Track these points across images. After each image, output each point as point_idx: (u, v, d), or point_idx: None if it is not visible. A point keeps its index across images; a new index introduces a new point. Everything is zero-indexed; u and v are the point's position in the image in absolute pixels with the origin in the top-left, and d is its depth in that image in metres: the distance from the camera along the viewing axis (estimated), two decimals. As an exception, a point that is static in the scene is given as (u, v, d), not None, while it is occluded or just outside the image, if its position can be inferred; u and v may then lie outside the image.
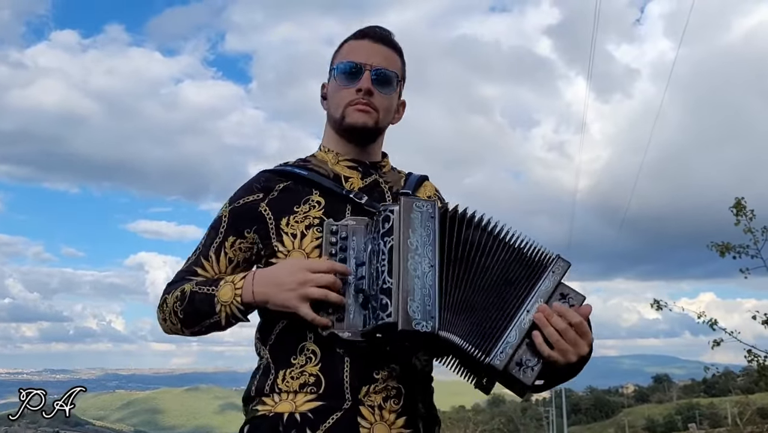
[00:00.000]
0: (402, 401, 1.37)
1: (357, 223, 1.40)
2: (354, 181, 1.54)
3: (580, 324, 1.32)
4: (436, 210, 1.35)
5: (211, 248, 1.51)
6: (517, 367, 1.30)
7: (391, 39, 1.60)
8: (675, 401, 79.63)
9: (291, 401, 1.34)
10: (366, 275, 1.32)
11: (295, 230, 1.44)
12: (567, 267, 1.41)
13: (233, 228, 1.50)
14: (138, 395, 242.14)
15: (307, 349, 1.37)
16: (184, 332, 1.50)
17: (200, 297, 1.42)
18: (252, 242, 1.49)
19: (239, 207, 1.51)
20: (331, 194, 1.48)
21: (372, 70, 1.52)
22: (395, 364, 1.38)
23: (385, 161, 1.64)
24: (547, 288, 1.37)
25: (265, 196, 1.50)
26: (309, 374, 1.35)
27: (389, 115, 1.59)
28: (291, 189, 1.50)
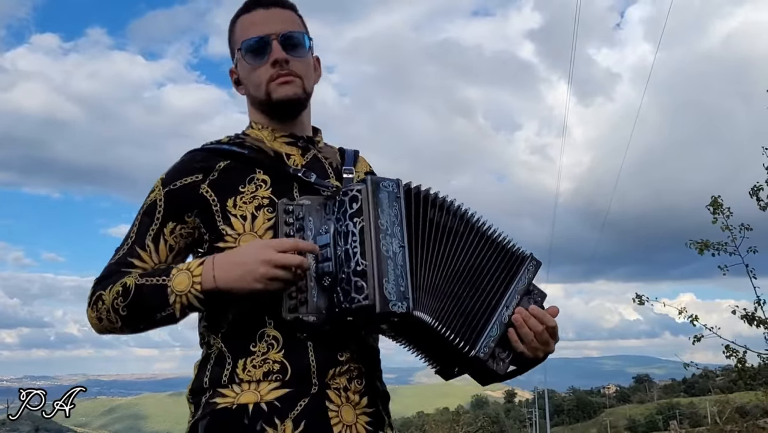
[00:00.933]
0: (364, 381, 1.37)
1: (312, 202, 1.34)
2: (296, 158, 1.47)
3: (554, 328, 1.41)
4: (401, 189, 1.32)
5: (147, 236, 1.39)
6: (491, 360, 1.37)
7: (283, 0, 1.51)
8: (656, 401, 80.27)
9: (255, 391, 1.28)
10: (332, 257, 1.27)
11: (244, 211, 1.35)
12: (539, 266, 1.49)
13: (172, 213, 1.39)
14: (120, 401, 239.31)
15: (268, 335, 1.31)
16: (124, 330, 1.36)
17: (149, 289, 1.30)
18: (193, 226, 1.39)
19: (176, 190, 1.39)
20: (276, 173, 1.40)
21: (278, 38, 1.44)
22: (355, 344, 1.36)
23: (319, 136, 1.58)
24: (523, 285, 1.45)
25: (205, 177, 1.39)
26: (273, 361, 1.30)
27: (311, 77, 1.51)
28: (233, 168, 1.40)
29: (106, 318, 1.34)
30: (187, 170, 1.41)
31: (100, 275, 1.39)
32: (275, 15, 1.47)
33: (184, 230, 1.39)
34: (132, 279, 1.32)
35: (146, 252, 1.38)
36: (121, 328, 1.35)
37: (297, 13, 1.53)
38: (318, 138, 1.56)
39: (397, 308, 1.22)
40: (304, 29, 1.52)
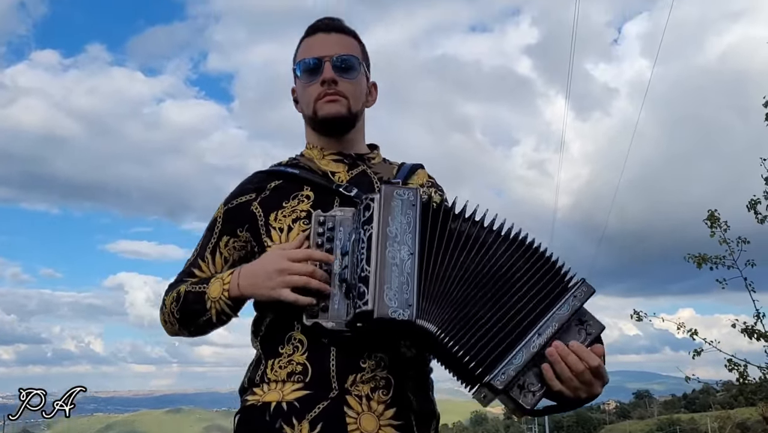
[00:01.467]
0: (391, 392, 1.35)
1: (344, 213, 1.38)
2: (341, 174, 1.55)
3: (597, 368, 1.25)
4: (418, 198, 1.32)
5: (207, 249, 1.55)
6: (518, 390, 1.24)
7: (342, 25, 1.61)
8: (656, 417, 79.82)
9: (279, 390, 1.35)
10: (349, 264, 1.31)
11: (282, 224, 1.46)
12: (590, 293, 1.30)
13: (227, 228, 1.54)
14: (117, 418, 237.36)
15: (294, 338, 1.38)
16: (183, 331, 1.52)
17: (193, 296, 1.45)
18: (245, 240, 1.52)
19: (233, 207, 1.54)
20: (320, 188, 1.49)
21: (331, 60, 1.54)
22: (383, 353, 1.36)
23: (375, 153, 1.65)
24: (566, 313, 1.27)
25: (257, 196, 1.53)
26: (296, 363, 1.36)
27: (359, 99, 1.59)
28: (282, 187, 1.52)
29: (168, 321, 1.53)
30: (244, 190, 1.56)
31: (170, 284, 1.57)
32: (333, 39, 1.58)
33: (237, 243, 1.53)
34: (184, 286, 1.49)
35: (205, 263, 1.55)
36: (179, 330, 1.52)
37: (358, 39, 1.63)
38: (372, 155, 1.64)
39: (398, 315, 1.21)
40: (361, 54, 1.61)
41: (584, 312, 1.30)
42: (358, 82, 1.58)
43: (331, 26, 1.60)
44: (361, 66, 1.60)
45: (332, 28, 1.59)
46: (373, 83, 1.67)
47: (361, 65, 1.59)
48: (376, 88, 1.68)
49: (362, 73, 1.60)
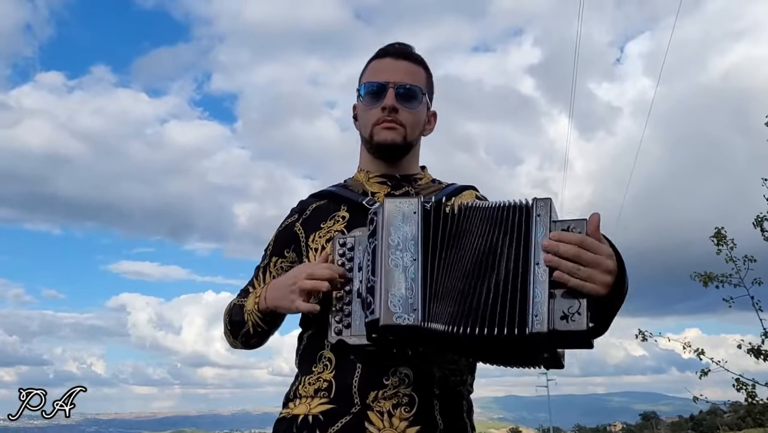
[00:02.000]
0: (415, 410, 1.35)
1: (363, 232, 1.40)
2: (380, 195, 1.57)
3: (585, 241, 1.18)
4: (420, 206, 1.32)
5: (260, 269, 1.65)
6: (564, 321, 1.15)
7: (412, 53, 1.64)
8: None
9: (307, 404, 1.41)
10: (363, 279, 1.33)
11: (318, 244, 1.53)
12: (549, 202, 1.25)
13: (276, 249, 1.63)
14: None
15: (324, 357, 1.44)
16: (236, 343, 1.64)
17: (236, 309, 1.59)
18: (291, 260, 1.60)
19: (281, 230, 1.65)
20: (355, 208, 1.54)
21: (395, 87, 1.56)
22: (408, 370, 1.37)
23: (423, 174, 1.68)
24: (543, 233, 1.22)
25: (299, 217, 1.62)
26: (324, 379, 1.42)
27: (417, 129, 1.62)
28: (322, 208, 1.60)
29: (225, 333, 1.65)
30: (291, 213, 1.66)
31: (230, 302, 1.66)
32: (400, 66, 1.60)
33: (284, 263, 1.61)
34: (235, 300, 1.62)
35: (258, 282, 1.64)
36: (233, 342, 1.64)
37: (425, 68, 1.65)
38: (420, 175, 1.67)
39: (403, 320, 1.22)
40: (425, 84, 1.63)
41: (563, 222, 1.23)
42: (418, 112, 1.61)
43: (400, 52, 1.62)
44: (424, 97, 1.62)
45: (401, 54, 1.62)
46: (433, 113, 1.69)
47: (423, 96, 1.61)
48: (436, 118, 1.71)
49: (424, 103, 1.62)
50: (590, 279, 1.16)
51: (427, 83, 1.65)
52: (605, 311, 1.24)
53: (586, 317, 1.15)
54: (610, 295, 1.19)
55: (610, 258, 1.20)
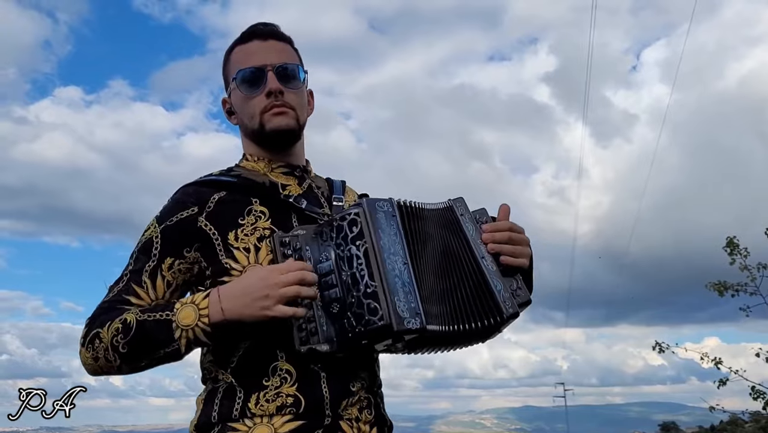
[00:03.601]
0: (373, 411, 1.37)
1: (306, 232, 1.35)
2: (292, 188, 1.48)
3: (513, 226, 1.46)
4: (395, 207, 1.34)
5: (144, 273, 1.38)
6: (514, 298, 1.41)
7: (279, 32, 1.52)
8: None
9: (268, 424, 1.28)
10: (337, 283, 1.28)
11: (247, 243, 1.36)
12: (463, 200, 1.48)
13: (170, 248, 1.38)
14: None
15: (281, 369, 1.31)
16: (122, 369, 1.34)
17: (151, 325, 1.28)
18: (192, 261, 1.38)
19: (173, 225, 1.39)
20: (272, 203, 1.41)
21: (274, 69, 1.45)
22: (365, 373, 1.37)
23: (310, 167, 1.59)
24: (472, 230, 1.44)
25: (201, 210, 1.39)
26: (286, 394, 1.29)
27: (304, 109, 1.52)
28: (228, 201, 1.40)
29: (103, 357, 1.32)
30: (182, 204, 1.40)
31: (93, 314, 1.37)
32: (271, 46, 1.49)
33: (183, 265, 1.38)
34: (132, 315, 1.30)
35: (143, 289, 1.37)
36: (119, 367, 1.33)
37: (293, 46, 1.55)
38: (310, 168, 1.59)
39: (411, 324, 1.24)
40: (300, 62, 1.54)
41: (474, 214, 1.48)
42: (302, 92, 1.52)
43: (268, 32, 1.51)
44: (303, 74, 1.52)
45: (269, 34, 1.50)
46: (309, 91, 1.58)
47: (303, 73, 1.52)
48: (313, 97, 1.60)
49: (304, 81, 1.53)
50: (521, 255, 1.45)
51: (299, 59, 1.54)
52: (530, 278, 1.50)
53: (525, 289, 1.45)
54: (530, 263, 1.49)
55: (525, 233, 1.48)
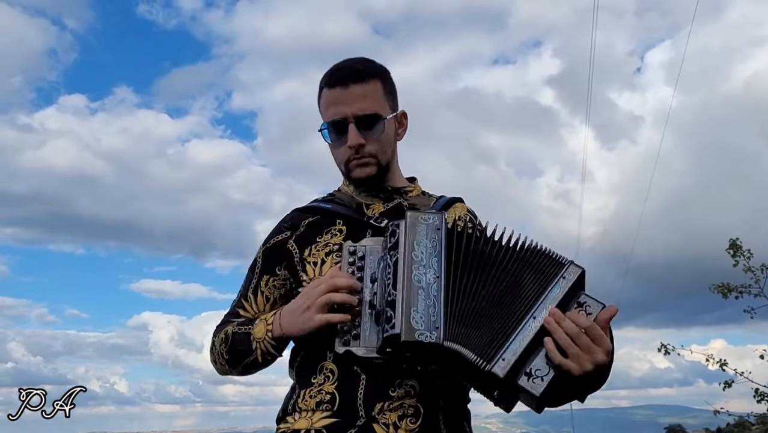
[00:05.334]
0: (420, 421, 1.35)
1: (374, 243, 1.42)
2: (376, 207, 1.58)
3: (592, 328, 1.27)
4: (443, 222, 1.36)
5: (249, 289, 1.60)
6: (525, 377, 1.25)
7: (359, 72, 1.54)
8: (690, 453, 77.43)
9: (308, 418, 1.38)
10: (378, 291, 1.34)
11: (317, 258, 1.50)
12: (580, 272, 1.33)
13: (266, 267, 1.59)
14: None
15: (326, 368, 1.41)
16: (232, 372, 1.58)
17: (239, 337, 1.51)
18: (284, 278, 1.56)
19: (270, 247, 1.60)
20: (352, 221, 1.54)
21: (353, 121, 1.50)
22: (414, 382, 1.37)
23: (413, 186, 1.67)
24: (555, 295, 1.31)
25: (292, 234, 1.57)
26: (326, 392, 1.39)
27: (387, 151, 1.58)
28: (316, 223, 1.57)
29: (217, 361, 1.58)
30: (279, 229, 1.61)
31: (217, 325, 1.61)
32: (352, 93, 1.52)
33: (277, 281, 1.57)
34: (231, 327, 1.54)
35: (248, 303, 1.59)
36: (228, 370, 1.58)
37: (379, 76, 1.56)
38: (410, 187, 1.65)
39: (425, 337, 1.23)
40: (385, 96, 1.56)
41: (583, 296, 1.32)
42: (384, 136, 1.55)
43: (348, 77, 1.53)
44: (384, 120, 1.54)
45: (350, 79, 1.52)
46: (402, 112, 1.63)
47: (384, 119, 1.54)
48: (406, 117, 1.65)
49: (387, 122, 1.55)
50: (575, 360, 1.26)
51: (385, 93, 1.57)
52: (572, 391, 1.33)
53: (546, 386, 1.24)
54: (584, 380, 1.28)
55: (605, 354, 1.28)
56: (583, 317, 1.29)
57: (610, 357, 1.30)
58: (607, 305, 1.32)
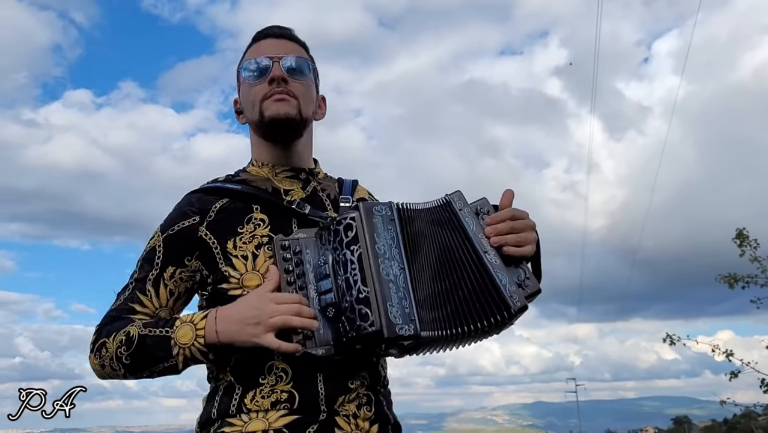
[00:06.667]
0: (373, 408, 1.37)
1: (307, 235, 1.35)
2: (295, 192, 1.47)
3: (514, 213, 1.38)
4: (395, 211, 1.33)
5: (147, 282, 1.41)
6: (522, 289, 1.34)
7: (293, 34, 1.53)
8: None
9: (263, 419, 1.29)
10: (333, 288, 1.29)
11: (245, 251, 1.37)
12: (461, 194, 1.39)
13: (172, 257, 1.41)
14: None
15: (276, 368, 1.32)
16: (127, 377, 1.38)
17: (152, 340, 1.32)
18: (194, 269, 1.41)
19: (174, 234, 1.42)
20: (273, 209, 1.41)
21: (281, 61, 1.45)
22: (365, 372, 1.37)
23: (318, 168, 1.58)
24: (471, 224, 1.36)
25: (202, 219, 1.41)
26: (281, 391, 1.31)
27: (310, 103, 1.49)
28: (229, 209, 1.42)
29: (109, 365, 1.37)
30: (184, 214, 1.43)
31: (102, 321, 1.41)
32: (284, 44, 1.50)
33: (184, 273, 1.41)
34: (136, 329, 1.34)
35: (147, 297, 1.41)
36: (123, 375, 1.37)
37: (308, 52, 1.55)
38: (318, 169, 1.57)
39: (404, 330, 1.23)
40: (311, 60, 1.53)
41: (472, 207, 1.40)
42: (309, 85, 1.50)
43: (282, 33, 1.52)
44: (312, 73, 1.52)
45: (282, 35, 1.51)
46: (322, 97, 1.59)
47: (312, 71, 1.52)
48: (326, 103, 1.60)
49: (312, 79, 1.52)
50: (526, 241, 1.36)
51: (312, 62, 1.53)
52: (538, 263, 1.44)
53: (534, 279, 1.37)
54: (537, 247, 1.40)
55: (529, 217, 1.39)
56: (503, 213, 1.37)
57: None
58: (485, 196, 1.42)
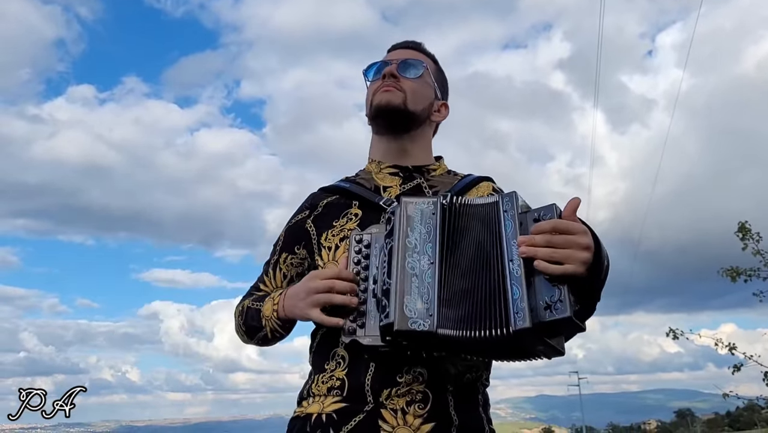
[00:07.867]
0: (429, 407, 1.34)
1: (380, 231, 1.39)
2: (393, 189, 1.56)
3: (557, 225, 1.20)
4: (438, 206, 1.32)
5: (270, 265, 1.64)
6: (548, 311, 1.15)
7: (420, 46, 1.69)
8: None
9: (320, 403, 1.40)
10: (378, 279, 1.32)
11: (331, 243, 1.52)
12: (514, 195, 1.28)
13: (286, 245, 1.63)
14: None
15: (338, 355, 1.42)
16: (251, 342, 1.63)
17: (252, 312, 1.56)
18: (302, 257, 1.60)
19: (291, 225, 1.63)
20: (368, 205, 1.53)
21: (397, 63, 1.60)
22: (422, 368, 1.35)
23: (438, 164, 1.64)
24: (511, 230, 1.25)
25: (311, 213, 1.60)
26: (336, 378, 1.40)
27: (419, 100, 1.59)
28: (334, 204, 1.58)
29: (238, 332, 1.63)
30: (301, 209, 1.64)
31: (242, 297, 1.66)
32: (405, 52, 1.66)
33: (294, 259, 1.61)
34: (248, 301, 1.59)
35: (268, 278, 1.64)
36: (246, 340, 1.63)
37: (435, 61, 1.69)
38: (434, 166, 1.63)
39: (418, 325, 1.21)
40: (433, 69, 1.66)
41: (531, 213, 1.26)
42: (420, 82, 1.60)
43: (407, 44, 1.68)
44: (425, 71, 1.62)
45: (407, 46, 1.68)
46: (444, 103, 1.69)
47: (426, 72, 1.62)
48: (448, 109, 1.70)
49: (427, 80, 1.63)
50: (567, 259, 1.17)
51: (435, 70, 1.66)
52: (589, 290, 1.24)
53: (569, 303, 1.14)
54: (591, 271, 1.20)
55: (584, 234, 1.21)
56: (544, 223, 1.21)
57: (595, 239, 1.22)
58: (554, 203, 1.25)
